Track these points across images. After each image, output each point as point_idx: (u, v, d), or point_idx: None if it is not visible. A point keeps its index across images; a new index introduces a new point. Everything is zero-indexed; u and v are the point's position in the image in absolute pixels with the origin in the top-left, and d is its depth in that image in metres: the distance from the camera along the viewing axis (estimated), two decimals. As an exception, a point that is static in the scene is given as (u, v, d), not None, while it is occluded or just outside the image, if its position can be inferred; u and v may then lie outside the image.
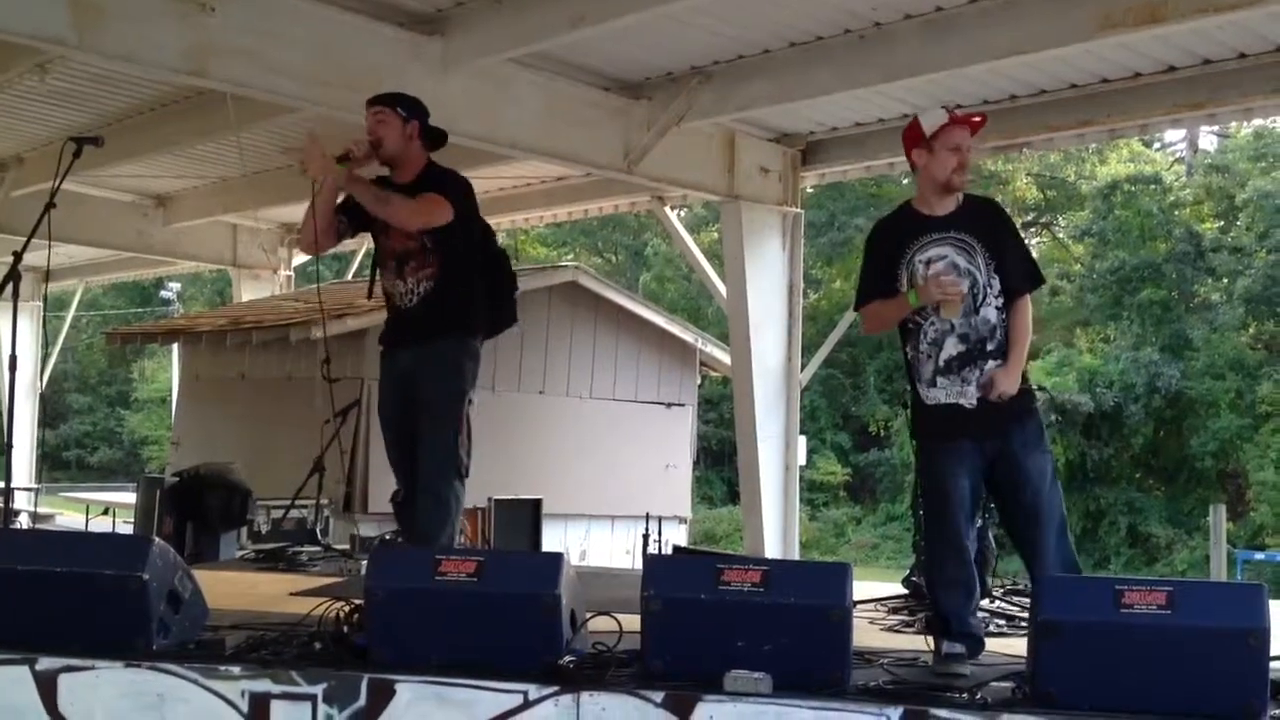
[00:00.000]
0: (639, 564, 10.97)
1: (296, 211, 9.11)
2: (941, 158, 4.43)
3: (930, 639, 4.43)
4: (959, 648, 4.30)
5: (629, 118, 8.82)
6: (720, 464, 28.87)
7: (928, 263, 4.42)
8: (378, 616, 3.88)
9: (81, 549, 4.20)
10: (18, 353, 5.24)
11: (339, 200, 5.11)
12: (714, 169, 9.55)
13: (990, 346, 4.40)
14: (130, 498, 17.57)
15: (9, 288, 4.88)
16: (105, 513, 13.86)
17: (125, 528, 13.26)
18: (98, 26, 6.48)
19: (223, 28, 6.85)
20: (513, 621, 3.77)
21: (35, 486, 15.90)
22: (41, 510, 15.85)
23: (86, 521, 13.62)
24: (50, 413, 32.39)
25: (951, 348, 4.42)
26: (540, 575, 3.83)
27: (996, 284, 4.43)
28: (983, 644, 4.41)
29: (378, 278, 5.29)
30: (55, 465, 36.44)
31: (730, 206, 9.72)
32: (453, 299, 5.05)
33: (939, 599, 4.47)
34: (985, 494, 4.62)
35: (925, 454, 4.55)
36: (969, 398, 4.40)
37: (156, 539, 4.18)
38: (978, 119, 4.56)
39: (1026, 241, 4.59)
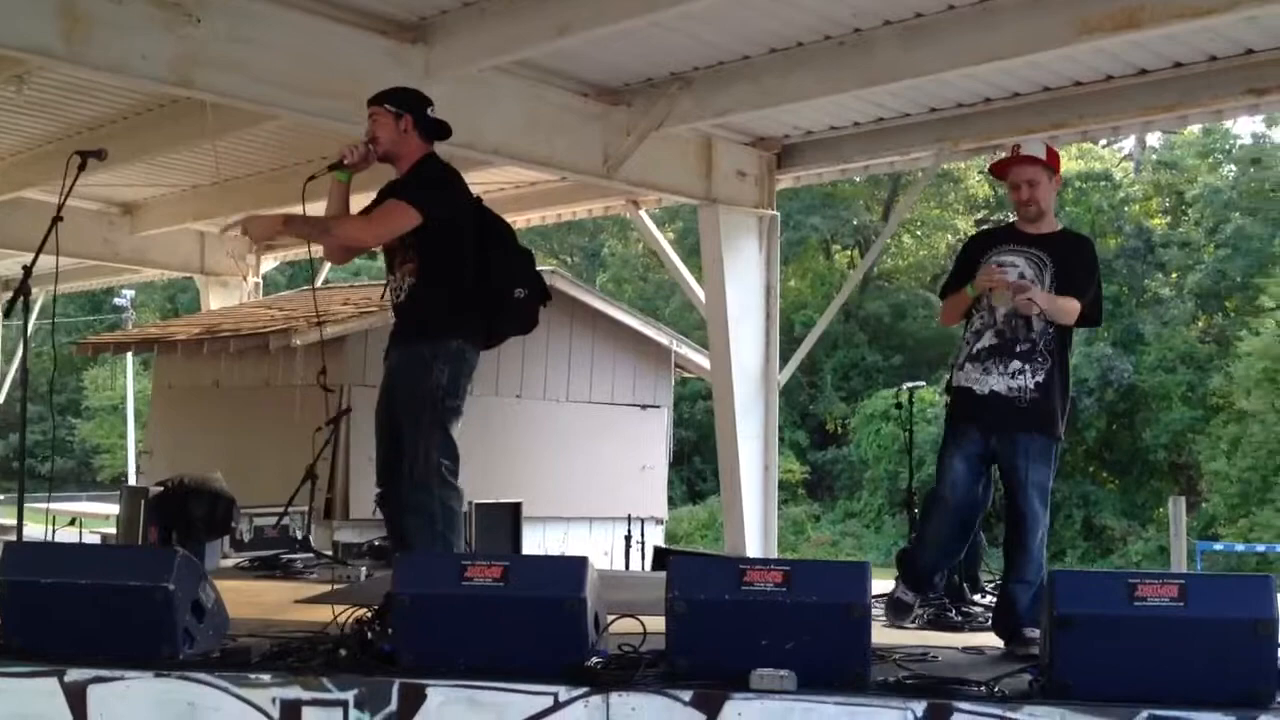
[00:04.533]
0: (620, 565, 11.05)
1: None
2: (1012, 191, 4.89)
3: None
4: (909, 596, 4.93)
5: (609, 123, 8.86)
6: (678, 463, 28.96)
7: (999, 263, 4.77)
8: (404, 621, 3.93)
9: (106, 561, 4.26)
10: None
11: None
12: (692, 173, 9.60)
13: (1021, 348, 4.73)
14: (90, 507, 17.50)
15: None
16: (72, 523, 13.71)
17: (91, 537, 13.18)
18: (85, 38, 6.44)
19: (208, 38, 6.83)
20: (539, 624, 3.83)
21: (-8, 497, 15.72)
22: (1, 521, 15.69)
23: (52, 532, 13.45)
24: (2, 423, 31.97)
25: (987, 340, 4.78)
26: (566, 579, 3.91)
27: None
28: (910, 610, 4.97)
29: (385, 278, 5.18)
30: (5, 475, 35.94)
31: (708, 210, 9.76)
32: (431, 298, 4.85)
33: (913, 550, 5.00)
34: (987, 488, 4.88)
35: (945, 433, 4.88)
36: (982, 386, 4.73)
37: (180, 549, 4.20)
38: (1016, 157, 4.89)
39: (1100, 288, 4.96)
